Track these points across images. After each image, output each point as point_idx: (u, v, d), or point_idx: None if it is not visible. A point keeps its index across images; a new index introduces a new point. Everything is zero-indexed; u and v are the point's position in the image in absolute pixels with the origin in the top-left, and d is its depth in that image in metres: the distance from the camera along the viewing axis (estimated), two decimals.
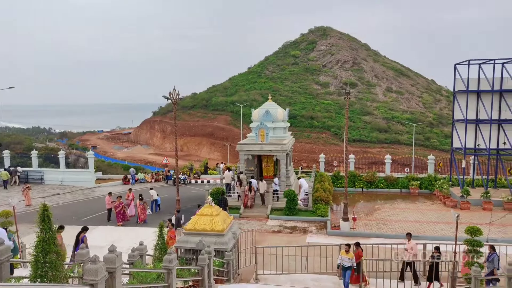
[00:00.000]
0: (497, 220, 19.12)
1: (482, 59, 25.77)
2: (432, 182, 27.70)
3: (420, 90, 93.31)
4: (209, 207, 13.40)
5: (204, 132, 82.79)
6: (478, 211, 22.86)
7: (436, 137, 68.73)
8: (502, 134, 25.76)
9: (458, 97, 26.88)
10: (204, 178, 36.36)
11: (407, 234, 14.71)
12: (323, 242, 17.36)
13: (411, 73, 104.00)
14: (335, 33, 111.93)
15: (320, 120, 75.57)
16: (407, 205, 24.93)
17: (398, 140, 68.62)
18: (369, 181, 29.09)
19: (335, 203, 25.53)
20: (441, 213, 22.53)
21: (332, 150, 62.09)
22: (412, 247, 14.04)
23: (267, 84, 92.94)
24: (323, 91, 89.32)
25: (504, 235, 18.74)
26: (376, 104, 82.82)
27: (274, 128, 27.12)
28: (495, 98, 25.71)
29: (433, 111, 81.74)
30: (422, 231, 19.63)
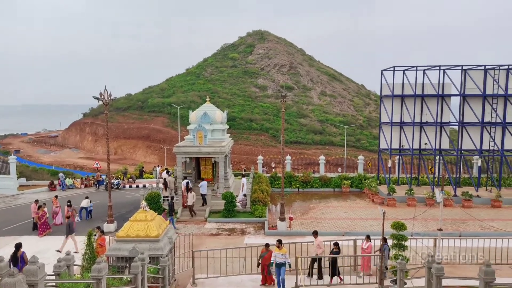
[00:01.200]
0: (420, 215, 20.66)
1: (406, 66, 27.79)
2: (362, 181, 29.31)
3: (352, 94, 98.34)
4: (143, 212, 12.95)
5: (140, 134, 79.99)
6: (403, 207, 24.58)
7: (366, 138, 72.78)
8: (424, 136, 27.97)
9: (384, 101, 28.73)
10: (140, 182, 35.12)
11: (313, 232, 15.20)
12: (261, 242, 17.54)
13: (343, 78, 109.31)
14: (272, 37, 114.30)
15: (259, 123, 76.58)
16: (339, 204, 26.11)
17: (332, 141, 71.63)
18: (305, 181, 30.02)
19: (273, 203, 25.99)
20: (370, 210, 23.91)
21: (270, 151, 63.20)
22: (319, 244, 14.56)
23: (206, 86, 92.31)
24: (262, 94, 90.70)
25: (426, 229, 20.31)
26: (311, 107, 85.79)
27: (213, 130, 26.97)
28: (417, 102, 27.85)
29: (363, 114, 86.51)
30: (353, 228, 20.66)
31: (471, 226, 20.75)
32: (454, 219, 21.91)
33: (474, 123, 26.90)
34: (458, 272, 14.83)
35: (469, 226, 20.71)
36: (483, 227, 20.22)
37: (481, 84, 26.67)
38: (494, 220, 21.80)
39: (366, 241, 14.70)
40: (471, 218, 21.42)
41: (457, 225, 21.06)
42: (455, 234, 18.89)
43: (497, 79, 26.69)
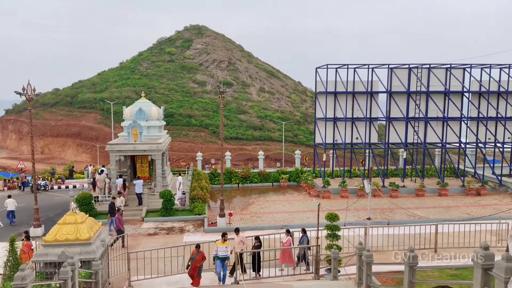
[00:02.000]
0: (351, 205, 21.77)
1: (338, 64, 29.01)
2: (299, 175, 30.22)
3: (289, 91, 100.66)
4: (73, 214, 12.23)
5: (70, 132, 75.24)
6: (337, 198, 25.74)
7: (303, 133, 75.01)
8: (355, 130, 29.47)
9: (319, 97, 29.80)
10: (70, 183, 33.08)
11: (235, 230, 15.08)
12: (200, 240, 17.41)
13: (281, 74, 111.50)
14: (210, 33, 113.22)
15: (198, 119, 75.65)
16: (278, 197, 26.69)
17: (271, 137, 72.86)
18: (245, 176, 30.26)
19: (213, 200, 25.87)
20: (307, 203, 24.74)
21: (210, 148, 62.75)
22: (241, 240, 14.50)
23: (142, 81, 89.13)
24: (201, 89, 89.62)
25: (358, 218, 21.46)
26: (251, 103, 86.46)
27: (149, 127, 26.15)
28: (349, 98, 29.23)
29: (300, 110, 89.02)
30: (291, 220, 21.24)
31: (398, 214, 22.28)
32: (383, 208, 23.39)
33: (399, 118, 28.85)
34: (386, 258, 15.83)
35: (396, 215, 22.22)
36: (409, 215, 21.80)
37: (406, 82, 28.65)
38: (419, 208, 23.61)
39: (286, 235, 14.99)
40: (398, 207, 23.00)
41: (386, 214, 22.51)
42: (383, 222, 20.16)
43: (420, 77, 28.84)
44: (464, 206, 23.96)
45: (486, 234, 16.93)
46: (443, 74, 29.19)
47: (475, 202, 24.85)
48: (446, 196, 26.29)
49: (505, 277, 5.87)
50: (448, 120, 28.84)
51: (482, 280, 6.59)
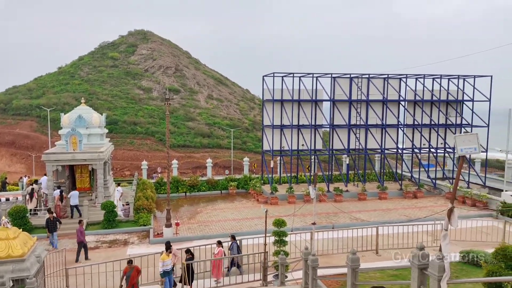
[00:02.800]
0: (298, 211, 22.21)
1: (284, 73, 29.62)
2: (248, 182, 30.32)
3: (237, 98, 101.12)
4: (4, 229, 11.27)
5: (3, 140, 69.79)
6: (285, 204, 26.11)
7: (251, 141, 75.55)
8: (301, 137, 30.19)
9: (266, 105, 30.21)
10: (2, 195, 30.54)
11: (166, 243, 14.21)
12: (145, 252, 16.82)
13: (229, 82, 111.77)
14: (156, 38, 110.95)
15: (144, 126, 73.50)
16: (226, 205, 26.55)
17: (220, 144, 72.55)
18: (192, 185, 29.78)
19: (159, 210, 25.16)
20: (255, 210, 24.84)
21: (156, 156, 61.06)
22: (174, 253, 14.08)
23: (83, 86, 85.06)
24: (146, 96, 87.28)
25: (304, 223, 21.88)
26: (199, 110, 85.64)
27: (89, 135, 24.95)
28: (295, 106, 29.92)
29: (249, 118, 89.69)
30: (239, 228, 21.20)
31: (342, 218, 23.05)
32: (328, 213, 24.09)
33: (342, 126, 30.00)
34: (332, 261, 16.30)
35: (340, 218, 22.98)
36: (352, 219, 22.65)
37: (348, 91, 29.90)
38: (361, 211, 24.62)
39: (217, 247, 14.75)
40: (341, 211, 23.83)
41: (331, 218, 23.20)
42: (329, 226, 20.74)
43: (360, 86, 30.24)
44: (402, 209, 25.34)
45: (423, 235, 18.01)
46: (381, 83, 30.85)
47: (412, 205, 26.37)
48: (385, 199, 27.66)
49: (438, 275, 6.25)
50: (386, 127, 30.46)
51: (418, 280, 6.97)
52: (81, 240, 17.01)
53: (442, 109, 32.01)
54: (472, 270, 15.00)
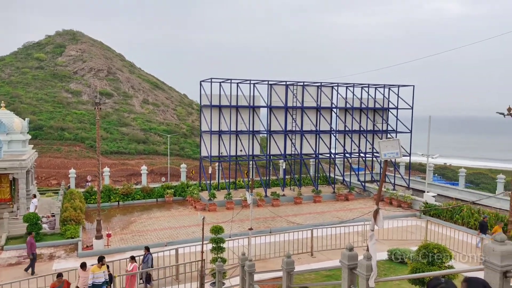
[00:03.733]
0: (236, 216, 22.21)
1: (222, 79, 29.62)
2: (185, 189, 29.75)
3: (175, 103, 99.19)
4: None
5: None
6: (223, 211, 25.99)
7: (189, 147, 74.38)
8: (239, 143, 30.34)
9: (204, 110, 29.96)
10: None
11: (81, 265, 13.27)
12: (73, 266, 15.75)
13: (166, 86, 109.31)
14: (86, 39, 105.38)
15: (73, 132, 69.15)
16: (162, 214, 25.79)
17: (156, 150, 70.47)
18: (126, 193, 28.55)
19: (89, 221, 23.76)
20: (193, 217, 24.43)
21: (87, 164, 57.73)
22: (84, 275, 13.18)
23: (4, 89, 78.11)
24: (75, 100, 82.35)
25: (243, 229, 21.91)
26: (133, 115, 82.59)
27: (10, 142, 22.94)
28: (232, 112, 30.02)
29: (186, 123, 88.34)
30: (176, 236, 20.68)
31: (279, 222, 23.45)
32: (266, 217, 24.39)
33: (279, 131, 30.67)
34: (269, 265, 16.49)
35: (277, 223, 23.36)
36: (288, 222, 23.13)
37: (284, 97, 30.67)
38: (297, 215, 25.25)
39: (131, 263, 14.02)
40: (278, 215, 24.26)
41: (268, 222, 23.51)
42: (266, 231, 20.99)
43: (295, 94, 31.17)
44: (335, 211, 26.43)
45: (354, 235, 18.89)
46: (315, 91, 32.06)
47: (344, 207, 27.62)
48: (320, 202, 28.68)
49: (366, 274, 6.55)
50: (320, 133, 31.69)
51: (348, 279, 7.25)
52: (32, 252, 16.15)
53: (370, 116, 34.06)
54: (398, 267, 16.01)
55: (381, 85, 33.52)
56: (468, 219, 21.90)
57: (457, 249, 17.06)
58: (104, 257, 12.99)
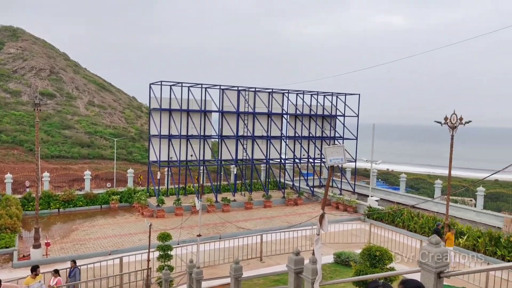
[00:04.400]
0: (185, 223, 21.80)
1: (172, 82, 29.07)
2: (132, 195, 28.75)
3: (123, 106, 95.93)
4: None
5: None
6: (172, 217, 25.41)
7: (138, 151, 72.13)
8: (190, 148, 29.89)
9: (153, 114, 29.21)
10: None
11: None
12: (7, 277, 14.61)
13: (113, 88, 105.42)
14: (28, 36, 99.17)
15: (10, 134, 64.48)
16: (107, 221, 24.71)
17: (102, 155, 67.58)
18: (67, 200, 27.03)
19: (26, 229, 22.20)
20: (139, 224, 23.63)
21: (25, 168, 54.07)
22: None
23: None
24: (14, 100, 77.03)
25: (192, 235, 21.52)
26: (77, 117, 78.74)
27: None
28: (183, 116, 29.55)
29: (135, 127, 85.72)
30: (121, 245, 19.88)
31: (229, 228, 23.32)
32: (216, 223, 24.17)
33: (230, 137, 30.63)
34: (218, 272, 16.31)
35: (228, 228, 23.22)
36: (239, 228, 23.07)
37: (235, 103, 30.71)
38: (247, 220, 25.28)
39: (54, 277, 13.07)
40: (229, 221, 24.13)
41: (218, 228, 23.30)
42: (216, 237, 20.80)
43: (247, 99, 31.33)
44: (284, 216, 26.78)
45: (302, 239, 19.24)
46: (266, 97, 32.44)
47: (293, 211, 28.08)
48: (270, 207, 28.94)
49: (312, 278, 6.67)
50: (271, 138, 32.07)
51: (295, 283, 7.34)
52: None
53: (319, 122, 35.04)
54: (344, 270, 16.50)
55: (329, 93, 34.63)
56: (408, 222, 23.09)
57: (398, 251, 17.92)
58: (38, 267, 12.12)
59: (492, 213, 26.04)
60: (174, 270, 15.10)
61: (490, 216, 25.59)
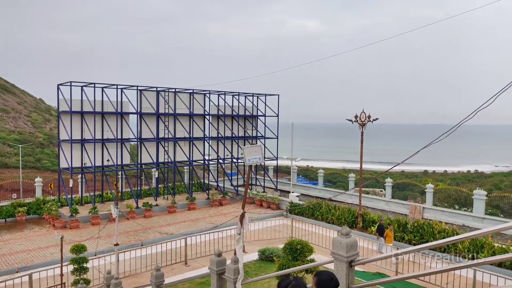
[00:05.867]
0: (103, 232, 20.57)
1: (84, 82, 27.19)
2: (41, 206, 26.31)
3: (29, 109, 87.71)
4: None
5: None
6: (88, 227, 23.77)
7: (47, 158, 66.46)
8: (106, 152, 28.22)
9: (63, 117, 27.05)
10: None
11: None
12: None
13: (17, 90, 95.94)
14: None
15: None
16: (13, 236, 22.32)
17: (6, 163, 61.09)
18: None
19: None
20: (51, 237, 21.69)
21: None
22: None
23: None
24: None
25: (111, 245, 20.34)
26: None
27: None
28: (97, 119, 27.79)
29: (43, 131, 78.88)
30: (30, 260, 18.12)
31: (152, 234, 22.49)
32: (137, 230, 23.14)
33: (150, 139, 29.57)
34: (141, 280, 15.64)
35: (150, 234, 22.37)
36: (162, 233, 22.37)
37: (155, 104, 29.72)
38: (171, 224, 24.61)
39: None
40: (151, 227, 23.30)
41: (140, 235, 22.34)
42: (137, 244, 19.91)
43: (167, 100, 30.50)
44: (209, 217, 26.60)
45: (228, 239, 19.25)
46: (187, 98, 31.91)
47: (218, 212, 28.01)
48: (195, 210, 28.53)
49: (234, 277, 6.66)
50: (193, 140, 31.62)
51: (217, 284, 7.28)
52: None
53: (241, 123, 35.41)
54: (268, 265, 16.85)
55: (250, 93, 35.17)
56: (326, 214, 24.34)
57: (318, 243, 18.80)
58: None
59: (399, 201, 28.58)
60: (91, 283, 14.15)
61: (398, 204, 28.07)
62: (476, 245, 17.39)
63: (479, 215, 23.55)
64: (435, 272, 4.67)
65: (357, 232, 21.09)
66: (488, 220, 22.99)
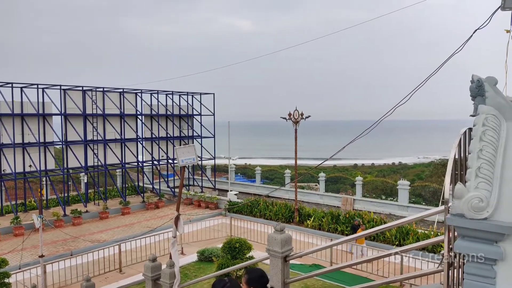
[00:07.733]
0: (27, 243, 18.99)
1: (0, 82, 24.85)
2: None
3: None
4: None
5: None
6: (10, 238, 21.83)
7: None
8: (28, 157, 26.04)
9: None
10: None
11: None
12: None
13: None
14: None
15: None
16: None
17: None
18: None
19: None
20: None
21: None
22: None
23: None
24: None
25: (36, 257, 18.85)
26: None
27: None
28: (17, 121, 25.53)
29: None
30: None
31: (82, 242, 21.17)
32: (66, 239, 21.66)
33: (77, 142, 27.82)
34: None
35: (80, 243, 21.05)
36: (93, 241, 21.17)
37: (81, 104, 27.99)
38: (103, 231, 23.37)
39: None
40: (82, 234, 21.96)
41: (69, 244, 20.96)
42: (66, 254, 18.67)
43: (95, 100, 28.89)
44: (145, 221, 25.69)
45: (165, 243, 18.73)
46: (117, 98, 30.49)
47: (154, 215, 27.16)
48: (129, 214, 27.38)
49: (170, 282, 6.46)
50: (125, 141, 30.31)
51: None
52: None
53: (176, 122, 34.64)
54: (208, 266, 16.69)
55: (185, 92, 34.54)
56: (264, 211, 24.70)
57: (257, 240, 19.01)
58: None
59: (332, 194, 29.89)
60: None
61: (331, 197, 29.33)
62: (402, 232, 18.71)
63: (404, 204, 25.40)
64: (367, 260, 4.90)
65: (294, 227, 21.67)
66: (412, 208, 24.86)
